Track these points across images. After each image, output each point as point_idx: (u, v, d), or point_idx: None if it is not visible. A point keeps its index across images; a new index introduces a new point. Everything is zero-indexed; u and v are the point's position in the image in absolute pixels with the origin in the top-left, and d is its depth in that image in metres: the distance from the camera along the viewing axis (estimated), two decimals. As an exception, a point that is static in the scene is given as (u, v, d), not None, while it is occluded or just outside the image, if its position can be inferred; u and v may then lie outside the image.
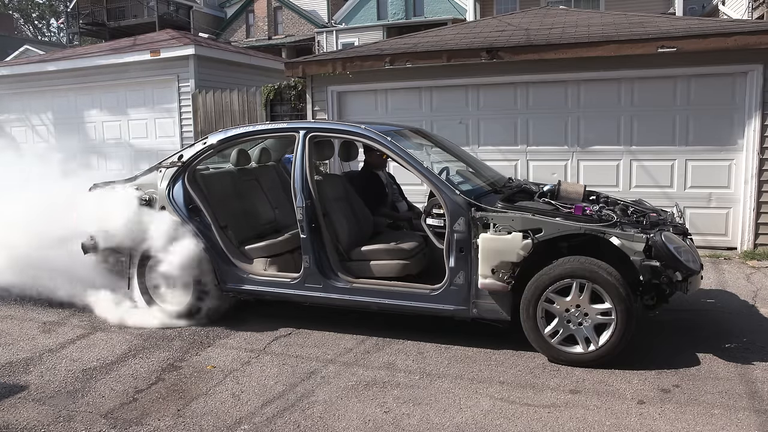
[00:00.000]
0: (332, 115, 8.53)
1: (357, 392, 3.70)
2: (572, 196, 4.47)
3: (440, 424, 3.30)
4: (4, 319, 5.22)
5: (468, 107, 8.08)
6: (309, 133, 4.70)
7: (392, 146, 4.46)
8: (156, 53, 10.62)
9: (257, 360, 4.23)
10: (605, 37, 7.13)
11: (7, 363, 4.26)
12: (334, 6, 30.33)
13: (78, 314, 5.24)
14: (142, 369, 4.11)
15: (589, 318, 3.91)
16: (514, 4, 18.80)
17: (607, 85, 7.43)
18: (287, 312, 5.10)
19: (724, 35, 6.64)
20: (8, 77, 12.05)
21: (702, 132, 7.15)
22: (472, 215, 4.09)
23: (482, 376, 3.87)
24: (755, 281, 5.92)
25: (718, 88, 7.04)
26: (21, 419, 3.45)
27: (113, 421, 3.42)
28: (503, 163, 7.56)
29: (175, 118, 10.76)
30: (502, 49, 7.38)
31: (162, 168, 5.06)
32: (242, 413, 3.47)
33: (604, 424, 3.25)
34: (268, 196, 5.61)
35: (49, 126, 11.96)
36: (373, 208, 5.24)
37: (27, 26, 43.79)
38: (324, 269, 4.56)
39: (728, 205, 7.16)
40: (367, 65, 8.01)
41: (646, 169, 7.39)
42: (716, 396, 3.52)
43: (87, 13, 33.28)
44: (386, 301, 4.41)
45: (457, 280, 4.17)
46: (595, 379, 3.79)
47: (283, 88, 9.69)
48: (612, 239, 3.85)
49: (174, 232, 4.80)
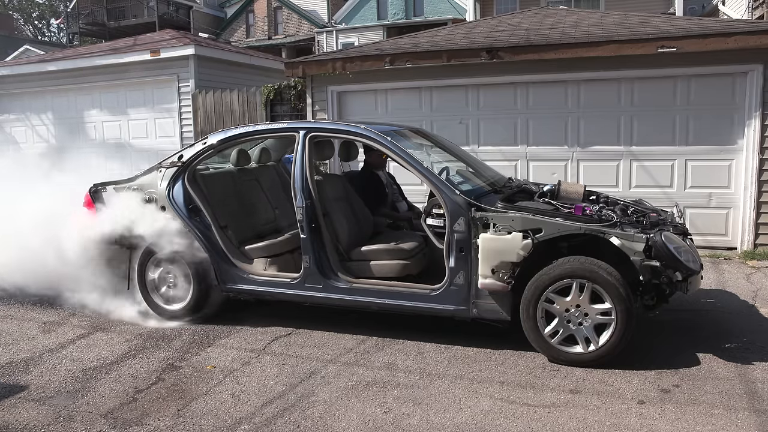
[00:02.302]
0: (332, 115, 8.53)
1: (357, 392, 3.70)
2: (572, 196, 4.47)
3: (440, 424, 3.30)
4: (4, 319, 5.22)
5: (468, 107, 8.08)
6: (309, 133, 4.70)
7: (392, 146, 4.46)
8: (156, 53, 10.62)
9: (257, 360, 4.23)
10: (605, 37, 7.13)
11: (7, 363, 4.26)
12: (334, 6, 30.33)
13: (78, 314, 5.24)
14: (142, 369, 4.11)
15: (589, 318, 3.91)
16: (514, 4, 18.80)
17: (607, 85, 7.43)
18: (287, 312, 5.10)
19: (724, 35, 6.64)
20: (8, 77, 12.05)
21: (702, 132, 7.15)
22: (472, 215, 4.09)
23: (482, 376, 3.87)
24: (755, 281, 5.91)
25: (718, 88, 7.04)
26: (21, 419, 3.45)
27: (113, 421, 3.42)
28: (503, 163, 7.56)
29: (175, 118, 10.76)
30: (502, 49, 7.38)
31: (162, 168, 5.06)
32: (242, 413, 3.47)
33: (604, 424, 3.25)
34: (268, 196, 5.61)
35: (49, 126, 11.96)
36: (373, 208, 5.24)
37: (27, 26, 43.77)
38: (324, 269, 4.56)
39: (728, 205, 7.16)
40: (367, 65, 8.01)
41: (646, 169, 7.39)
42: (716, 396, 3.52)
43: (87, 13, 33.28)
44: (386, 301, 4.41)
45: (457, 280, 4.17)
46: (595, 379, 3.79)
47: (283, 88, 9.70)
48: (612, 239, 3.85)
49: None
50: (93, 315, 5.16)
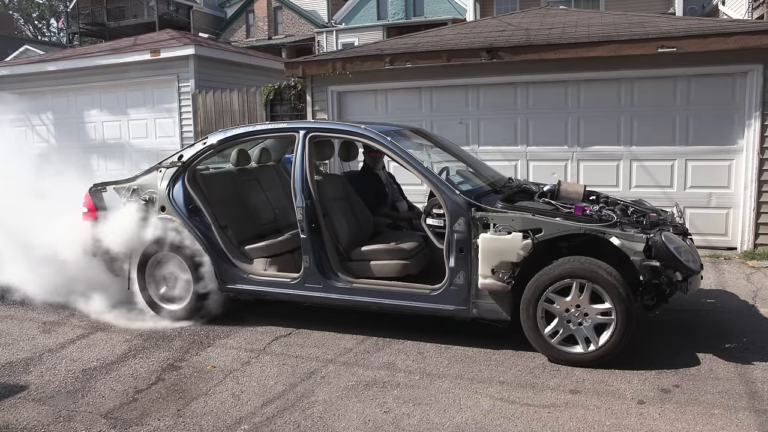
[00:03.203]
0: (332, 115, 8.53)
1: (357, 392, 3.70)
2: (572, 196, 4.47)
3: (440, 424, 3.30)
4: (4, 319, 5.22)
5: (468, 107, 8.08)
6: (309, 133, 4.70)
7: (392, 146, 4.46)
8: (156, 53, 10.62)
9: (257, 360, 4.23)
10: (605, 37, 7.13)
11: (7, 363, 4.26)
12: (334, 6, 30.34)
13: (78, 314, 5.24)
14: (142, 369, 4.11)
15: (589, 318, 3.91)
16: (514, 4, 18.80)
17: (607, 85, 7.43)
18: (287, 312, 5.10)
19: (724, 35, 6.64)
20: (8, 77, 12.05)
21: (702, 132, 7.15)
22: (472, 215, 4.09)
23: (482, 376, 3.87)
24: (755, 281, 5.91)
25: (718, 88, 7.04)
26: (21, 419, 3.45)
27: (113, 421, 3.42)
28: (503, 163, 7.56)
29: (175, 118, 10.75)
30: (502, 49, 7.38)
31: (162, 168, 5.06)
32: (242, 413, 3.47)
33: (604, 424, 3.25)
34: (268, 196, 5.61)
35: (49, 126, 11.96)
36: (373, 208, 5.24)
37: (27, 26, 43.79)
38: (324, 269, 4.56)
39: (728, 205, 7.16)
40: (367, 65, 8.01)
41: (646, 169, 7.39)
42: (716, 396, 3.52)
43: (87, 14, 33.30)
44: (386, 301, 4.41)
45: (457, 280, 4.17)
46: (595, 379, 3.79)
47: (283, 88, 9.69)
48: (612, 239, 3.85)
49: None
50: (93, 315, 5.16)
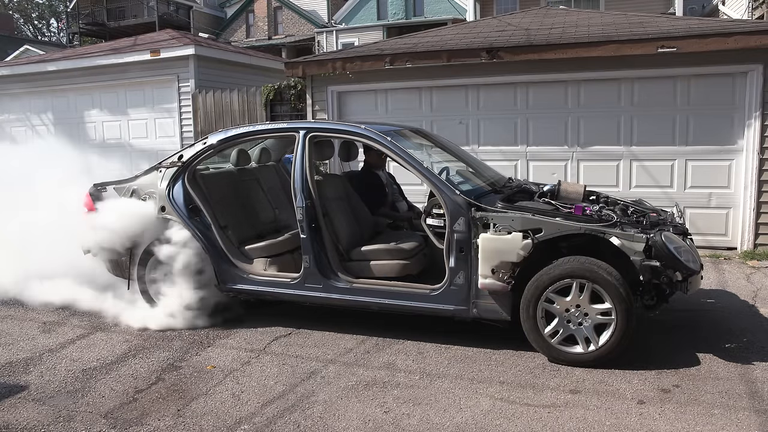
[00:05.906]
0: (332, 115, 8.53)
1: (357, 392, 3.70)
2: (572, 196, 4.47)
3: (440, 424, 3.30)
4: (4, 319, 5.22)
5: (468, 107, 8.08)
6: (309, 133, 4.70)
7: (392, 146, 4.46)
8: (156, 53, 10.62)
9: (257, 360, 4.23)
10: (605, 37, 7.13)
11: (7, 363, 4.26)
12: (334, 6, 30.34)
13: (78, 314, 5.24)
14: (142, 369, 4.11)
15: (589, 318, 3.91)
16: (514, 4, 18.81)
17: (607, 85, 7.43)
18: (287, 312, 5.10)
19: (724, 35, 6.64)
20: (8, 77, 12.05)
21: (702, 132, 7.15)
22: (472, 215, 4.09)
23: (482, 376, 3.87)
24: (755, 281, 5.91)
25: (718, 88, 7.04)
26: (21, 419, 3.45)
27: (113, 421, 3.42)
28: (503, 163, 7.56)
29: (175, 118, 10.76)
30: (502, 49, 7.38)
31: (162, 168, 5.06)
32: (242, 413, 3.47)
33: (604, 424, 3.25)
34: (268, 196, 5.61)
35: (49, 126, 11.96)
36: (373, 208, 5.24)
37: (27, 26, 43.78)
38: (324, 269, 4.56)
39: (728, 205, 7.16)
40: (367, 65, 8.01)
41: (646, 169, 7.39)
42: (716, 396, 3.52)
43: (87, 14, 33.30)
44: (386, 301, 4.41)
45: (457, 280, 4.17)
46: (595, 379, 3.79)
47: (283, 88, 9.70)
48: (612, 239, 3.85)
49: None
50: (93, 315, 5.16)
